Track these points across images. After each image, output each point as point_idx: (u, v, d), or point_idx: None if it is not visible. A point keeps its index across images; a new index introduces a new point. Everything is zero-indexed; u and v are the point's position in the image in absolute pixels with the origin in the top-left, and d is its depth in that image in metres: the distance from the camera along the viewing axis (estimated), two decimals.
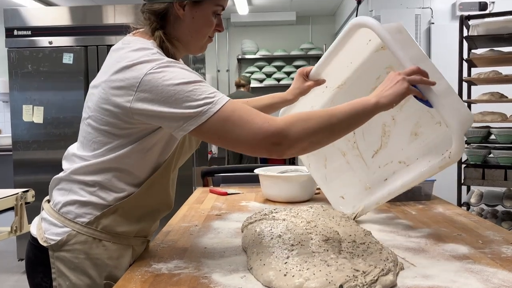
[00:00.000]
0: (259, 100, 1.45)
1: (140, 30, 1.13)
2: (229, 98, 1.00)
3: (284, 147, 1.00)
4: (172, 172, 1.15)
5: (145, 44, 1.06)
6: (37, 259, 1.09)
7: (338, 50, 1.42)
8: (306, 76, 1.46)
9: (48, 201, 1.15)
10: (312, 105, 1.58)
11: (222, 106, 0.98)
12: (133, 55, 1.02)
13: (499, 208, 3.23)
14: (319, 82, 1.46)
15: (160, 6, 1.07)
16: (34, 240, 1.10)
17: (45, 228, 1.08)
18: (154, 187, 1.11)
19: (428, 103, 1.12)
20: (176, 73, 0.99)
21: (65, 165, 1.13)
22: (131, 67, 1.00)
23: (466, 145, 3.24)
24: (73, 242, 1.05)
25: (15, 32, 3.65)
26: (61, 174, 1.12)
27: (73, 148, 1.14)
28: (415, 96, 1.12)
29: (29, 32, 3.66)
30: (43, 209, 1.14)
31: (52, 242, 1.06)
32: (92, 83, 1.09)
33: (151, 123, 1.02)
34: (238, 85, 5.77)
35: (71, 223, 1.06)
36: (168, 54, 1.08)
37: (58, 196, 1.10)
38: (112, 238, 1.08)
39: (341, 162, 1.64)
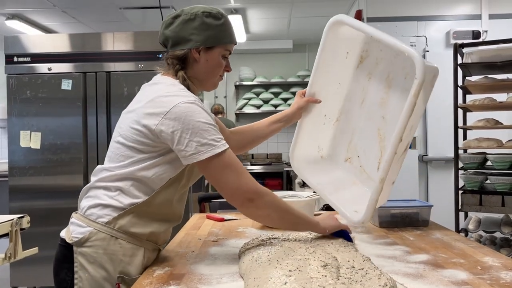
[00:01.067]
0: (265, 120, 1.78)
1: (165, 72, 1.38)
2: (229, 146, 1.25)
3: (254, 205, 1.26)
4: (179, 189, 1.34)
5: (175, 82, 1.33)
6: (63, 257, 1.29)
7: (322, 63, 1.62)
8: (303, 95, 1.75)
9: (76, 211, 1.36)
10: (319, 144, 1.73)
11: (226, 150, 1.23)
12: (167, 89, 1.29)
13: (497, 234, 3.22)
14: (315, 100, 1.72)
15: (181, 52, 1.34)
16: (62, 241, 1.30)
17: (72, 229, 1.29)
18: (159, 198, 1.29)
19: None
20: (198, 111, 1.23)
21: (93, 179, 1.35)
22: (165, 97, 1.25)
23: (463, 171, 3.25)
24: (94, 239, 1.25)
25: (15, 59, 3.68)
26: (89, 184, 1.34)
27: (102, 165, 1.35)
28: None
29: (28, 59, 3.69)
30: (72, 217, 1.34)
31: (76, 239, 1.26)
32: (126, 110, 1.36)
33: (168, 144, 1.24)
34: (217, 112, 5.84)
35: (93, 223, 1.27)
36: (189, 90, 1.32)
37: (85, 202, 1.32)
38: (127, 237, 1.27)
39: (351, 183, 1.67)
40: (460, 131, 3.35)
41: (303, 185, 4.09)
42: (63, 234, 1.32)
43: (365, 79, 1.64)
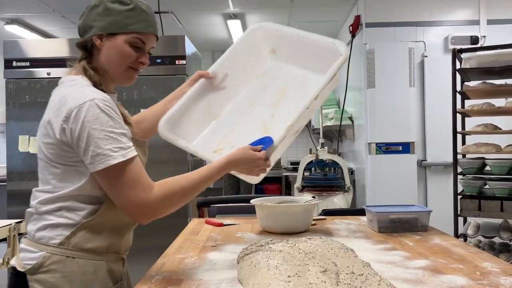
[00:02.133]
0: (163, 100, 1.63)
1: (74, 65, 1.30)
2: (133, 155, 1.16)
3: (148, 218, 1.20)
4: None
5: (76, 78, 1.24)
6: (16, 286, 1.19)
7: (229, 60, 1.65)
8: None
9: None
10: (188, 133, 1.62)
11: (122, 161, 1.14)
12: (65, 91, 1.21)
13: (496, 239, 3.21)
14: (207, 74, 1.61)
15: (83, 40, 1.27)
16: (14, 269, 1.20)
17: (23, 256, 1.19)
18: (109, 206, 1.21)
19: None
20: (95, 116, 1.14)
21: (32, 202, 1.26)
22: (64, 101, 1.17)
23: (461, 177, 3.25)
24: (48, 264, 1.16)
25: (14, 63, 3.68)
26: (31, 208, 1.25)
27: (38, 187, 1.29)
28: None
29: (27, 64, 3.69)
30: (21, 242, 1.25)
31: (29, 267, 1.17)
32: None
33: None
34: None
35: (44, 246, 1.18)
36: (96, 83, 1.24)
37: (31, 226, 1.23)
38: (84, 255, 1.19)
39: None
40: (459, 136, 3.36)
41: (302, 190, 4.09)
42: (13, 262, 1.22)
43: (260, 88, 1.67)
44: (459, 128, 3.32)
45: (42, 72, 3.72)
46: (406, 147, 4.19)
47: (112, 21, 1.25)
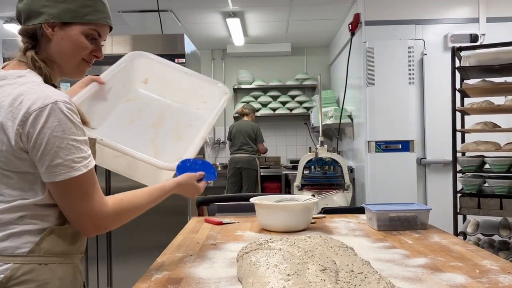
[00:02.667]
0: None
1: (17, 58, 1.17)
2: (93, 165, 1.10)
3: (98, 231, 1.14)
4: None
5: (22, 73, 1.11)
6: None
7: (113, 78, 1.76)
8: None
9: None
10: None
11: (83, 173, 1.06)
12: (14, 89, 1.07)
13: (496, 237, 3.22)
14: (98, 79, 1.61)
15: (30, 27, 1.14)
16: None
17: None
18: None
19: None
20: (56, 120, 1.03)
21: None
22: (17, 102, 1.05)
23: (461, 175, 3.26)
24: (19, 275, 1.04)
25: None
26: None
27: None
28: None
29: None
30: None
31: None
32: None
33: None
34: (241, 114, 5.80)
35: (11, 258, 1.05)
36: (44, 75, 1.13)
37: None
38: (57, 260, 1.10)
39: None
40: (458, 134, 3.36)
41: (301, 188, 4.09)
42: None
43: (137, 109, 1.76)
44: (458, 126, 3.32)
45: None
46: (405, 145, 4.19)
47: (66, 9, 1.14)
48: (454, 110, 3.22)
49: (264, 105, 6.46)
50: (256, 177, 5.57)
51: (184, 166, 1.42)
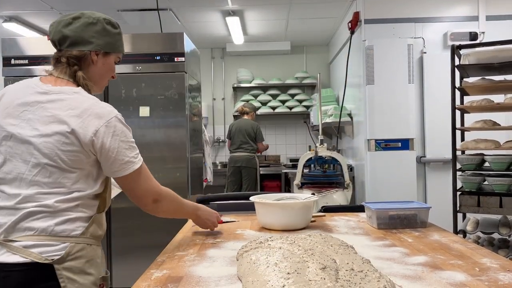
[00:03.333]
0: None
1: (56, 74, 1.43)
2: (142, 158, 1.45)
3: (158, 205, 1.49)
4: (105, 180, 1.47)
5: (81, 91, 1.40)
6: (33, 279, 1.27)
7: None
8: None
9: (11, 240, 1.30)
10: None
11: (142, 164, 1.43)
12: (89, 101, 1.38)
13: (495, 235, 3.22)
14: None
15: (80, 53, 1.42)
16: (25, 265, 1.27)
17: (41, 251, 1.29)
18: (102, 199, 1.44)
19: None
20: (126, 128, 1.41)
21: (33, 203, 1.35)
22: (97, 109, 1.37)
23: (460, 173, 3.26)
24: (74, 252, 1.32)
25: (12, 61, 3.68)
26: (35, 208, 1.32)
27: (42, 190, 1.38)
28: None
29: (26, 61, 3.69)
30: (16, 241, 1.29)
31: (56, 257, 1.29)
32: (33, 134, 1.34)
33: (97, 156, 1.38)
34: (242, 113, 5.80)
35: (68, 238, 1.32)
36: (89, 91, 1.43)
37: (42, 223, 1.31)
38: (95, 242, 1.40)
39: None
40: (458, 133, 3.36)
41: (301, 187, 4.09)
42: (21, 259, 1.27)
43: None
44: (458, 124, 3.32)
45: (40, 70, 3.71)
46: (405, 144, 4.19)
47: (108, 42, 1.47)
48: (453, 108, 3.22)
49: (264, 103, 6.45)
50: (256, 176, 5.57)
51: None
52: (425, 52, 4.34)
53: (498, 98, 3.21)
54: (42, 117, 1.33)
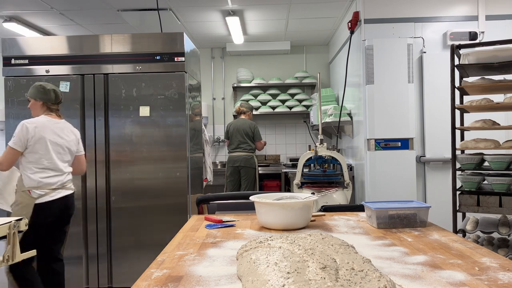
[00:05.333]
0: None
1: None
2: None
3: None
4: None
5: None
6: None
7: None
8: None
9: None
10: None
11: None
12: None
13: (495, 235, 3.22)
14: None
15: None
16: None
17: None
18: None
19: None
20: None
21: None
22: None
23: (460, 172, 3.26)
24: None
25: (13, 61, 3.68)
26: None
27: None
28: None
29: (26, 61, 3.69)
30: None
31: None
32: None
33: None
34: (239, 113, 5.80)
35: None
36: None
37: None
38: None
39: None
40: (458, 132, 3.36)
41: (301, 186, 4.10)
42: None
43: None
44: (457, 124, 3.33)
45: (40, 70, 3.71)
46: (405, 143, 4.19)
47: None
48: (453, 107, 3.22)
49: (264, 103, 6.46)
50: (255, 175, 5.57)
51: None
52: (424, 52, 4.34)
53: (497, 98, 3.21)
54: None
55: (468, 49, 3.27)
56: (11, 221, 2.35)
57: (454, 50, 3.25)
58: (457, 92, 3.29)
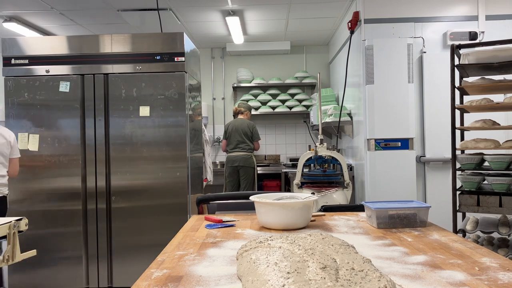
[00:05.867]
0: None
1: None
2: None
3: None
4: None
5: None
6: None
7: None
8: None
9: None
10: None
11: None
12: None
13: (495, 235, 3.22)
14: None
15: None
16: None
17: None
18: None
19: None
20: None
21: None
22: None
23: (460, 172, 3.26)
24: None
25: (13, 61, 3.68)
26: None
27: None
28: None
29: (26, 61, 3.69)
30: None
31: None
32: None
33: None
34: (237, 113, 5.80)
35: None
36: None
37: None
38: None
39: None
40: (458, 132, 3.36)
41: (301, 186, 4.09)
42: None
43: None
44: (457, 124, 3.33)
45: (41, 70, 3.71)
46: (405, 143, 4.20)
47: None
48: (453, 107, 3.22)
49: (264, 103, 6.46)
50: (254, 175, 5.57)
51: None
52: (424, 52, 4.34)
53: (497, 98, 3.21)
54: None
55: (468, 49, 3.27)
56: (11, 221, 2.35)
57: (454, 50, 3.25)
58: (457, 92, 3.29)
